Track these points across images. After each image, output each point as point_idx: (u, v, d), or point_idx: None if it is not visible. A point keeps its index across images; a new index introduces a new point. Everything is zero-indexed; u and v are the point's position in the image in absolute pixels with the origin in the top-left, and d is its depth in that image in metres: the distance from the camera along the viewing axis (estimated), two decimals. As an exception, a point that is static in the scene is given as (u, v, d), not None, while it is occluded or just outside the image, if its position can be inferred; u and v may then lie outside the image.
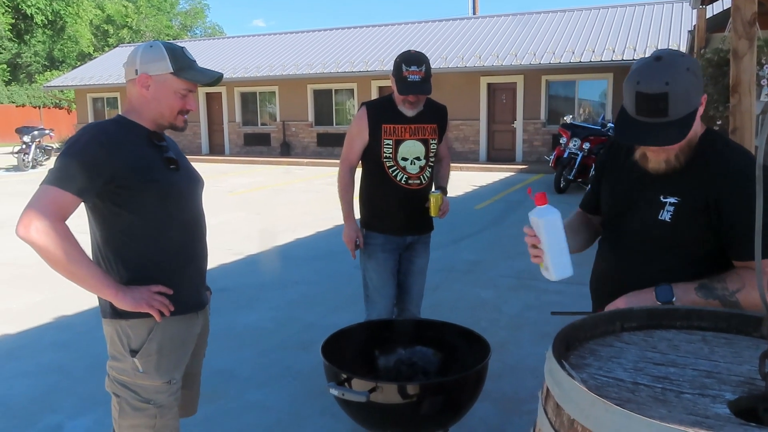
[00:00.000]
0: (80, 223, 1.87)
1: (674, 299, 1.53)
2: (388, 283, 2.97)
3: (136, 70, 1.84)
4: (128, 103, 1.90)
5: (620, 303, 1.53)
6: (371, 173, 2.96)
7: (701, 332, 1.35)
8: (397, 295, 3.07)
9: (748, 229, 1.47)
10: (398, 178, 2.91)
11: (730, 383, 1.09)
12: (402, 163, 2.90)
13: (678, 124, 1.45)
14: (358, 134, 2.92)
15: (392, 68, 2.82)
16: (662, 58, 1.45)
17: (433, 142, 2.95)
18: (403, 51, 2.84)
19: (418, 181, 2.94)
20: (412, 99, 2.79)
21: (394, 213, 2.96)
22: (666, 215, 1.60)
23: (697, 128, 1.59)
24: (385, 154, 2.88)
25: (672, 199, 1.59)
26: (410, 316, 3.06)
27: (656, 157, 1.58)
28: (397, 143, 2.88)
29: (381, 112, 2.89)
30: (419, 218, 2.99)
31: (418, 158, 2.91)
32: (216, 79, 1.91)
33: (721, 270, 1.55)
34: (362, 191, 3.04)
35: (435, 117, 2.98)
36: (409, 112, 2.86)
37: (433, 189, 2.98)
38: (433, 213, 2.91)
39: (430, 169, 2.98)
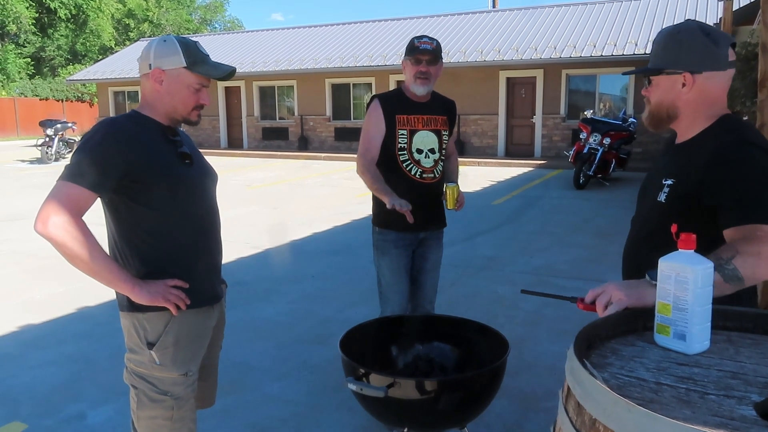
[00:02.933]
0: (98, 215, 1.89)
1: None
2: (401, 280, 2.94)
3: (150, 65, 1.85)
4: (142, 97, 1.91)
5: (609, 288, 1.36)
6: (384, 168, 2.90)
7: (726, 332, 1.32)
8: (411, 291, 3.04)
9: (734, 194, 1.47)
10: (412, 172, 2.87)
11: (756, 385, 1.07)
12: (417, 156, 2.86)
13: (643, 72, 1.65)
14: (375, 125, 2.87)
15: (405, 49, 2.84)
16: (681, 24, 1.62)
17: (445, 133, 2.95)
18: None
19: (432, 175, 2.90)
20: (424, 68, 2.76)
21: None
22: (662, 196, 1.62)
23: (676, 99, 1.61)
24: (399, 145, 2.85)
25: (669, 181, 1.62)
26: (424, 312, 3.03)
27: (645, 110, 1.73)
28: (412, 133, 2.86)
29: (393, 102, 2.88)
30: (432, 213, 2.95)
31: (432, 150, 2.89)
32: (229, 73, 1.91)
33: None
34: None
35: (445, 109, 2.97)
36: (420, 89, 2.81)
37: (448, 182, 2.92)
38: (449, 205, 2.85)
39: (442, 164, 2.95)
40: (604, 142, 11.06)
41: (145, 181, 1.79)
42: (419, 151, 2.87)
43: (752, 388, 1.05)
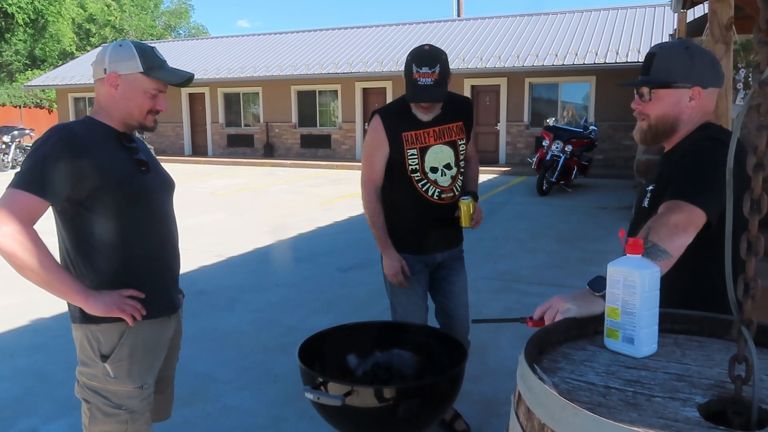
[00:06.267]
0: (50, 224, 1.84)
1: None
2: (417, 308, 2.63)
3: (105, 69, 1.81)
4: (96, 102, 1.87)
5: (555, 301, 1.36)
6: (397, 190, 2.57)
7: (674, 335, 1.35)
8: (443, 322, 2.75)
9: (676, 177, 1.54)
10: (429, 193, 2.55)
11: (700, 386, 1.09)
12: (432, 175, 2.54)
13: (650, 83, 1.63)
14: (377, 147, 2.54)
15: (404, 67, 2.45)
16: (685, 40, 1.72)
17: (462, 143, 2.60)
18: (413, 48, 2.46)
19: (452, 194, 2.58)
20: (425, 105, 2.45)
21: (421, 231, 2.59)
22: (646, 202, 1.67)
23: (682, 113, 1.64)
24: (411, 167, 2.52)
25: (651, 187, 1.68)
26: (464, 342, 2.64)
27: (638, 125, 1.71)
28: (423, 151, 2.52)
29: (397, 118, 2.53)
30: (448, 233, 2.64)
31: (448, 166, 2.56)
32: (187, 79, 1.88)
33: (695, 259, 1.51)
34: (385, 210, 2.62)
35: (459, 113, 2.60)
36: (425, 117, 2.50)
37: (462, 196, 2.58)
38: (464, 223, 2.53)
39: (461, 178, 2.62)
40: (566, 149, 11.26)
41: (98, 189, 1.74)
42: (434, 170, 2.54)
43: (697, 390, 1.08)
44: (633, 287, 1.20)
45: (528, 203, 10.34)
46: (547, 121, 12.77)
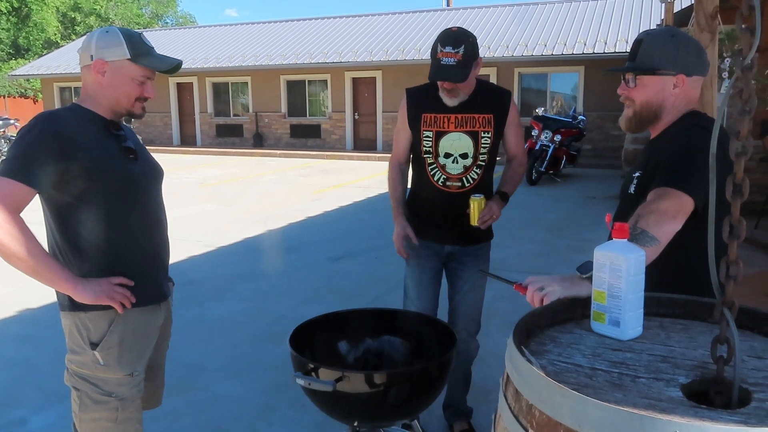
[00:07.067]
0: (38, 214, 1.83)
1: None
2: (425, 294, 2.63)
3: (92, 56, 1.79)
4: (83, 90, 1.85)
5: (544, 280, 1.37)
6: (413, 170, 2.60)
7: (659, 318, 1.37)
8: (448, 314, 2.73)
9: (665, 164, 1.55)
10: (435, 178, 2.52)
11: (684, 367, 1.12)
12: (442, 160, 2.49)
13: (635, 70, 1.64)
14: (401, 126, 2.56)
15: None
16: (672, 28, 1.71)
17: (486, 135, 2.47)
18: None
19: (459, 184, 2.50)
20: (448, 86, 2.37)
21: (429, 217, 2.58)
22: (632, 188, 1.68)
23: (665, 100, 1.65)
24: (425, 149, 2.49)
25: (637, 173, 1.69)
26: (461, 339, 2.67)
27: (624, 113, 1.72)
28: (438, 135, 2.47)
29: (423, 99, 2.50)
30: (460, 227, 2.51)
31: (464, 156, 2.48)
32: (175, 66, 1.87)
33: (684, 245, 1.52)
34: (409, 189, 2.66)
35: (491, 105, 2.48)
36: (450, 101, 2.43)
37: (475, 193, 2.47)
38: (472, 221, 2.44)
39: (478, 170, 2.51)
40: (555, 139, 11.31)
41: (86, 177, 1.73)
42: (447, 155, 2.49)
43: (680, 371, 1.10)
44: (619, 271, 1.22)
45: (517, 193, 10.24)
46: (537, 111, 12.81)
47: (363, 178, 12.45)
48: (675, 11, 8.13)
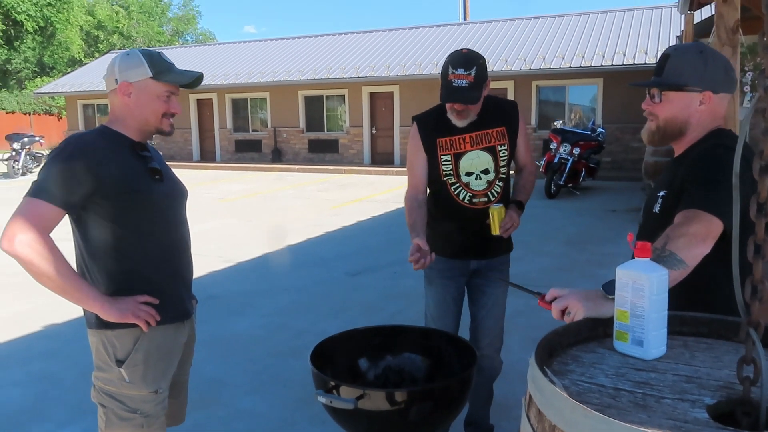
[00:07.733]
0: (66, 230, 1.87)
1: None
2: (448, 314, 2.62)
3: (116, 80, 1.84)
4: (111, 113, 1.90)
5: (570, 299, 1.37)
6: (432, 193, 2.60)
7: (682, 337, 1.36)
8: (471, 330, 2.72)
9: (693, 186, 1.54)
10: (461, 197, 2.51)
11: (709, 388, 1.11)
12: (465, 179, 2.50)
13: (661, 85, 1.63)
14: (415, 154, 2.55)
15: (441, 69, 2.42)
16: (700, 43, 1.69)
17: (503, 148, 2.51)
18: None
19: (485, 199, 2.51)
20: (459, 107, 2.38)
21: (455, 236, 2.57)
22: (657, 208, 1.67)
23: (691, 116, 1.64)
24: (444, 172, 2.50)
25: (662, 192, 1.67)
26: (487, 356, 2.69)
27: (647, 125, 1.71)
28: (457, 157, 2.49)
29: (433, 124, 2.52)
30: (485, 240, 2.52)
31: (486, 171, 2.50)
32: (196, 78, 1.91)
33: (707, 264, 1.49)
34: (428, 211, 2.61)
35: (501, 118, 2.53)
36: (460, 123, 2.45)
37: (495, 203, 2.50)
38: (493, 230, 2.44)
39: (501, 183, 2.54)
40: (573, 152, 11.25)
41: (114, 198, 1.78)
42: (468, 174, 2.51)
43: (705, 392, 1.09)
44: (642, 290, 1.22)
45: (536, 206, 10.33)
46: (555, 123, 12.76)
47: (381, 193, 12.49)
48: (695, 22, 8.09)
